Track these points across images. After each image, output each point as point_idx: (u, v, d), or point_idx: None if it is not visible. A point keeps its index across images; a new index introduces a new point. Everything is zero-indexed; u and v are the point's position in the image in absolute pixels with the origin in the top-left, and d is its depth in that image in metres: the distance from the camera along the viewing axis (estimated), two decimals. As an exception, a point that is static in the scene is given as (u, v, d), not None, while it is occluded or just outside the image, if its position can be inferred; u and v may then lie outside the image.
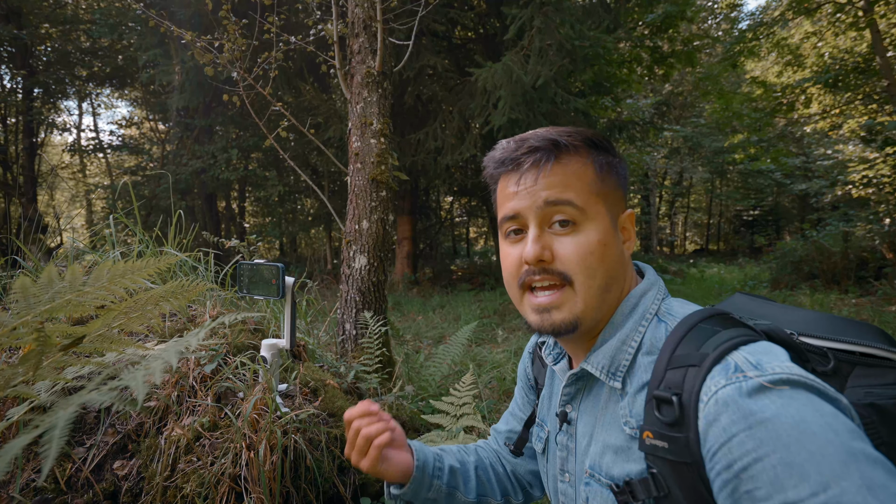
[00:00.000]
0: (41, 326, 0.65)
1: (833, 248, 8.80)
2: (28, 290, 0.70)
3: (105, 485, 1.33)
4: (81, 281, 0.77)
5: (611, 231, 0.71)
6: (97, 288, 0.77)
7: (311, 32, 8.81)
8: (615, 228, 0.72)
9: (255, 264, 1.57)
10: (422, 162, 9.43)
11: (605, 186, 0.72)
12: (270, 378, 1.47)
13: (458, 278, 12.34)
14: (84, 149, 15.13)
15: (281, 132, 4.07)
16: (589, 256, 0.69)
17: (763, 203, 21.92)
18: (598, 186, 0.71)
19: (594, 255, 0.69)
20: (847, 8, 10.00)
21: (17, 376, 0.68)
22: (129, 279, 0.82)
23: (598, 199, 0.71)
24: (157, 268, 0.87)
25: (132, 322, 0.83)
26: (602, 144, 0.74)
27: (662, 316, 0.71)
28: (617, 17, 8.99)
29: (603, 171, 0.72)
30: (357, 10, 2.95)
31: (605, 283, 0.70)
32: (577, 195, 0.69)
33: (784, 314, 0.76)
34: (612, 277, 0.71)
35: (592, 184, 0.71)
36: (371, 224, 2.83)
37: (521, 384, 1.00)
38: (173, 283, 0.89)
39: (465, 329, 3.23)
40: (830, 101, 11.58)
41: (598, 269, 0.69)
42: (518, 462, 0.99)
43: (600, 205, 0.71)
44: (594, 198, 0.70)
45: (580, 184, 0.70)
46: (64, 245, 6.56)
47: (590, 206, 0.70)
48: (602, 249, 0.69)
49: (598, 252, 0.69)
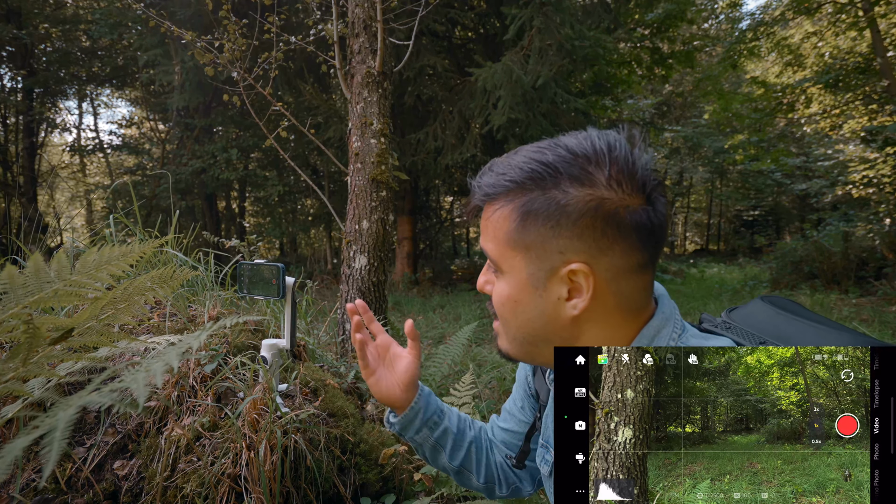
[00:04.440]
0: (30, 318, 0.65)
1: (833, 249, 8.80)
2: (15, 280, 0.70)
3: (105, 485, 1.33)
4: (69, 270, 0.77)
5: (526, 288, 0.66)
6: (84, 276, 0.77)
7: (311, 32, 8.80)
8: (537, 284, 0.65)
9: (256, 264, 1.57)
10: (422, 162, 9.43)
11: (528, 238, 0.64)
12: (270, 378, 1.47)
13: (458, 278, 12.34)
14: (84, 149, 15.13)
15: (281, 132, 4.07)
16: (501, 307, 0.69)
17: (763, 203, 21.92)
18: (515, 237, 0.65)
19: (505, 307, 0.69)
20: (847, 8, 9.99)
21: (8, 372, 0.67)
22: (116, 265, 0.81)
23: (515, 251, 0.65)
24: (142, 252, 0.86)
25: (120, 313, 0.82)
26: (543, 182, 0.62)
27: None
28: (617, 17, 9.00)
29: (526, 220, 0.63)
30: (357, 10, 2.95)
31: (520, 336, 0.69)
32: (493, 246, 0.68)
33: (814, 336, 0.68)
34: (531, 334, 0.68)
35: (509, 235, 0.65)
36: (371, 224, 2.83)
37: (521, 388, 0.98)
38: (159, 270, 0.88)
39: (466, 329, 3.23)
40: (831, 102, 11.58)
41: (510, 321, 0.69)
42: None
43: (517, 258, 0.65)
44: (509, 251, 0.66)
45: (496, 233, 0.67)
46: (64, 245, 6.55)
47: (504, 260, 0.67)
48: (512, 305, 0.68)
49: (509, 306, 0.68)
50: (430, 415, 0.91)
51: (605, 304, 0.65)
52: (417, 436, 0.90)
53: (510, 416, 0.99)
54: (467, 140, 8.82)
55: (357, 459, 1.56)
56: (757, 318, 0.74)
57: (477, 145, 8.83)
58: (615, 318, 0.66)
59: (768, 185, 19.89)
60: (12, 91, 12.64)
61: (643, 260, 0.64)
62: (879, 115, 10.77)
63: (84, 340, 0.77)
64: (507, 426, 0.99)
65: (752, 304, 0.77)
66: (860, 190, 10.23)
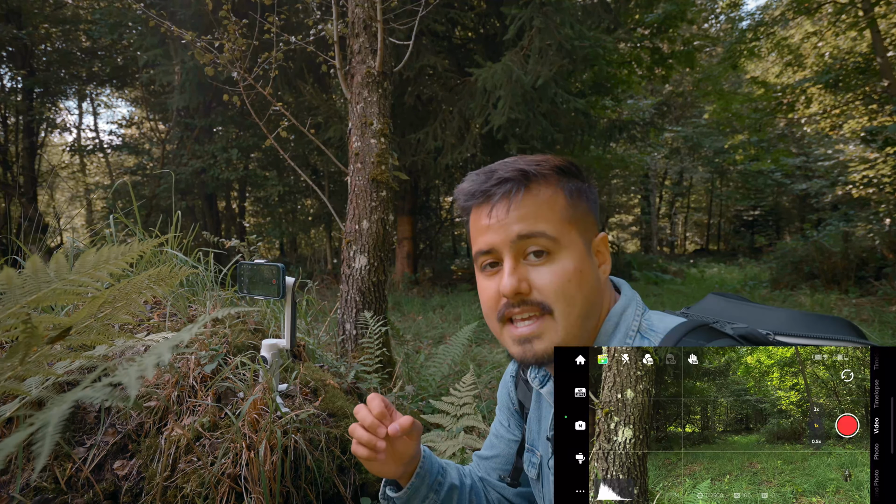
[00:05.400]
0: (28, 317, 0.65)
1: (833, 249, 8.80)
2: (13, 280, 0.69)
3: (105, 485, 1.33)
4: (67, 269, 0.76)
5: (586, 257, 0.72)
6: (82, 275, 0.76)
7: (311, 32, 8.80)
8: (590, 254, 0.73)
9: (256, 264, 1.57)
10: (422, 162, 9.43)
11: (577, 212, 0.72)
12: (270, 378, 1.47)
13: (458, 278, 12.33)
14: (84, 149, 15.12)
15: (281, 132, 4.07)
16: (567, 285, 0.69)
17: (763, 203, 21.92)
18: (570, 213, 0.71)
19: (572, 282, 0.69)
20: (847, 8, 9.99)
21: (6, 371, 0.67)
22: (114, 264, 0.81)
23: (571, 226, 0.71)
24: (140, 251, 0.85)
25: (118, 311, 0.82)
26: (571, 171, 0.74)
27: (644, 332, 0.73)
28: (617, 18, 9.00)
29: (574, 198, 0.72)
30: (357, 10, 2.95)
31: (584, 310, 0.71)
32: (549, 225, 0.70)
33: (759, 314, 0.78)
34: (591, 304, 0.72)
35: (564, 211, 0.71)
36: (371, 224, 2.83)
37: (504, 409, 0.97)
38: (156, 268, 0.88)
39: (466, 329, 3.23)
40: (831, 102, 11.58)
41: (576, 296, 0.69)
42: (505, 486, 0.95)
43: (573, 232, 0.71)
44: (567, 226, 0.71)
45: (552, 213, 0.70)
46: (64, 245, 6.55)
47: (563, 235, 0.70)
48: (579, 277, 0.70)
49: (576, 279, 0.69)
50: (435, 476, 0.86)
51: (606, 271, 0.76)
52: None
53: (498, 440, 0.98)
54: (467, 140, 8.82)
55: (357, 459, 1.56)
56: (711, 308, 0.84)
57: (477, 145, 8.83)
58: (607, 286, 0.78)
59: (768, 185, 19.90)
60: (12, 91, 12.63)
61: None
62: (879, 115, 10.77)
63: (82, 339, 0.77)
64: (494, 452, 0.97)
65: (705, 299, 0.89)
66: (860, 190, 10.23)
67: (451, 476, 0.90)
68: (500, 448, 0.96)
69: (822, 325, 0.72)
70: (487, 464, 0.98)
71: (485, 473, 0.99)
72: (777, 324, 0.74)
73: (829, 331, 0.71)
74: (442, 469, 0.89)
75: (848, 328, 0.71)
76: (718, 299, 0.85)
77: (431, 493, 0.85)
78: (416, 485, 0.83)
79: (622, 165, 16.20)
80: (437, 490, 0.86)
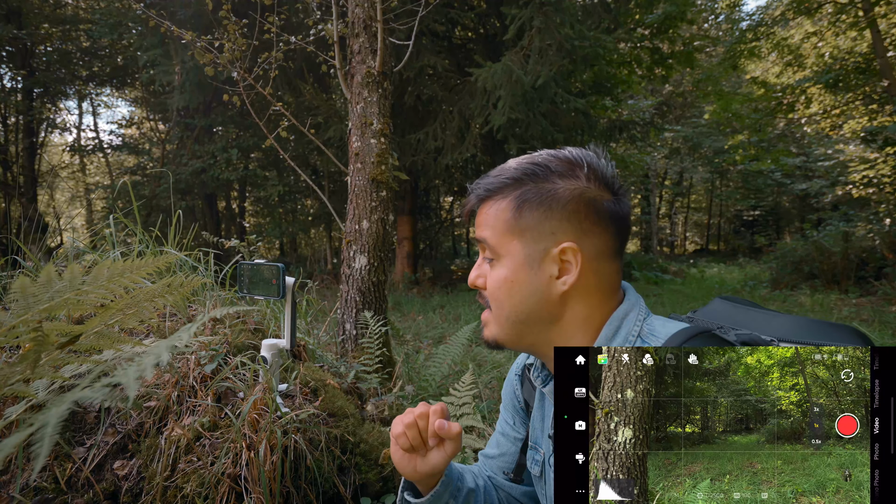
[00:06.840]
0: (39, 325, 0.65)
1: (833, 249, 8.80)
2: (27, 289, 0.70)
3: (105, 485, 1.33)
4: (80, 280, 0.77)
5: (523, 268, 0.75)
6: (96, 287, 0.77)
7: (311, 32, 8.79)
8: (533, 265, 0.74)
9: (256, 264, 1.57)
10: (422, 162, 9.43)
11: (524, 222, 0.74)
12: (270, 378, 1.47)
13: (458, 278, 12.33)
14: (84, 149, 15.12)
15: (281, 132, 4.07)
16: (496, 291, 0.76)
17: (763, 203, 21.92)
18: (513, 224, 0.75)
19: (501, 290, 0.76)
20: (847, 8, 9.99)
21: (16, 374, 0.68)
22: (129, 278, 0.82)
23: (513, 236, 0.75)
24: (156, 266, 0.86)
25: (129, 319, 0.83)
26: (537, 174, 0.75)
27: (645, 337, 0.73)
28: (617, 18, 9.00)
29: (521, 208, 0.74)
30: (357, 10, 2.95)
31: (514, 315, 0.75)
32: (491, 234, 0.76)
33: (765, 320, 0.78)
34: (525, 312, 0.75)
35: (506, 223, 0.75)
36: (371, 224, 2.83)
37: (509, 408, 0.98)
38: (169, 278, 0.89)
39: (466, 329, 3.23)
40: (831, 102, 11.58)
41: (504, 303, 0.76)
42: (512, 486, 0.96)
43: (515, 242, 0.75)
44: (507, 236, 0.75)
45: (496, 222, 0.76)
46: (64, 245, 6.56)
47: (502, 245, 0.76)
48: (509, 286, 0.75)
49: (505, 288, 0.75)
50: (455, 481, 0.86)
51: (587, 283, 0.74)
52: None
53: (503, 438, 0.98)
54: (467, 140, 8.82)
55: (357, 459, 1.56)
56: (717, 312, 0.83)
57: (477, 145, 8.83)
58: (595, 297, 0.75)
59: (768, 185, 19.90)
60: (12, 91, 12.63)
61: (616, 246, 0.76)
62: (879, 116, 10.77)
63: (90, 344, 0.77)
64: (500, 451, 0.98)
65: (712, 303, 0.88)
66: (860, 190, 10.23)
67: (468, 480, 0.90)
68: (507, 446, 0.97)
69: (829, 333, 0.70)
70: (493, 462, 0.99)
71: (491, 472, 1.00)
72: (782, 331, 0.74)
73: (835, 339, 0.69)
74: (460, 474, 0.89)
75: (855, 336, 0.69)
76: (725, 304, 0.85)
77: (451, 500, 0.85)
78: (439, 492, 0.83)
79: (622, 165, 16.19)
80: (456, 496, 0.86)
